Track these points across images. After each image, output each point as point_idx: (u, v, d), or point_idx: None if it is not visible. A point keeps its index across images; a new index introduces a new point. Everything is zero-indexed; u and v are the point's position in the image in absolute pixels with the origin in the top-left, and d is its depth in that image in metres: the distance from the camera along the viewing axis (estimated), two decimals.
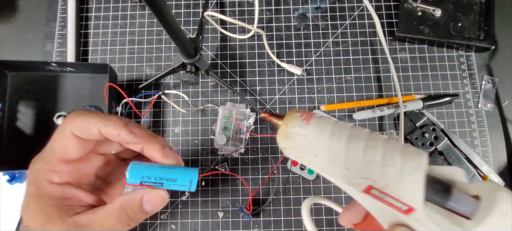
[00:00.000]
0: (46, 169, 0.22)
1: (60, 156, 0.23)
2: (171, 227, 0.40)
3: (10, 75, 0.41)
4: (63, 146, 0.22)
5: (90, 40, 0.46)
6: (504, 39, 0.44)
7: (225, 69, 0.45)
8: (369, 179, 0.17)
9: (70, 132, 0.22)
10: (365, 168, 0.17)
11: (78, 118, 0.22)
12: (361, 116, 0.42)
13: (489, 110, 0.42)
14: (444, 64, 0.44)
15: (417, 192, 0.16)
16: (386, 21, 0.45)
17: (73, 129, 0.22)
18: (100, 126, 0.22)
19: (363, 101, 0.43)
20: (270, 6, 0.46)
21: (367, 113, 0.42)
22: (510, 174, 0.41)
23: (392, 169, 0.17)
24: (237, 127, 0.41)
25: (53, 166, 0.23)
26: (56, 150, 0.23)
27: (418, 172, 0.16)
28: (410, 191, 0.16)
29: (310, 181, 0.41)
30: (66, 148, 0.22)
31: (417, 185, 0.16)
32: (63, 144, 0.22)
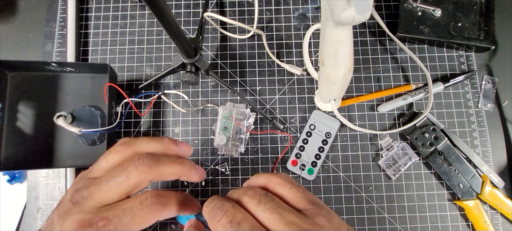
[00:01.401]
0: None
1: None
2: (171, 227, 0.40)
3: (10, 75, 0.41)
4: (138, 226, 0.24)
5: (90, 40, 0.46)
6: (504, 39, 0.44)
7: (225, 69, 0.45)
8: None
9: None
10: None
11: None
12: (386, 108, 0.42)
13: (489, 110, 0.42)
14: (444, 64, 0.44)
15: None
16: (386, 21, 0.45)
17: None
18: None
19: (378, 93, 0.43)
20: (270, 6, 0.46)
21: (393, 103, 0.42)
22: (510, 174, 0.41)
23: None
24: (237, 127, 0.41)
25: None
26: (129, 228, 0.24)
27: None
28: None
29: (310, 181, 0.41)
30: (140, 225, 0.24)
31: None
32: (139, 225, 0.24)
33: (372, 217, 0.40)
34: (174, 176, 0.26)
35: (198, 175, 0.28)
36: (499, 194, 0.39)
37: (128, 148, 0.26)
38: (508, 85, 0.43)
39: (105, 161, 0.26)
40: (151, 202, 0.24)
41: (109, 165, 0.25)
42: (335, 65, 0.33)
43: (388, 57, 0.44)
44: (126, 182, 0.24)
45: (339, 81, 0.34)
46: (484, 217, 0.38)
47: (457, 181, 0.39)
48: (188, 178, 0.27)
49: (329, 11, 0.29)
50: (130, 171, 0.24)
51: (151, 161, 0.25)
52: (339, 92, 0.37)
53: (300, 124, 0.43)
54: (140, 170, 0.24)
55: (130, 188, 0.24)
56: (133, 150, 0.26)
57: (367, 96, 0.43)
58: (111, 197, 0.24)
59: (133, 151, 0.26)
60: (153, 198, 0.24)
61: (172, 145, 0.28)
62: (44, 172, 0.42)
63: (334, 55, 0.32)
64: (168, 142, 0.28)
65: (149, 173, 0.24)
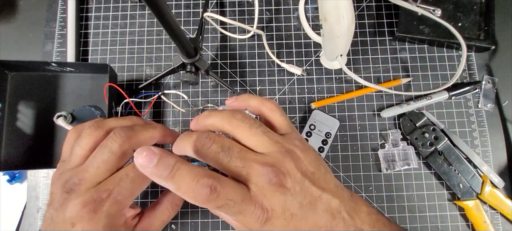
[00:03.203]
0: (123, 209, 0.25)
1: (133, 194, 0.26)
2: (171, 227, 0.40)
3: (10, 75, 0.41)
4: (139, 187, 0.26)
5: (90, 40, 0.46)
6: (504, 39, 0.44)
7: (225, 69, 0.45)
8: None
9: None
10: None
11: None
12: (389, 113, 0.42)
13: (489, 110, 0.42)
14: (444, 64, 0.44)
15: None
16: (386, 21, 0.45)
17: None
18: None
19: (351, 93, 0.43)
20: (270, 6, 0.46)
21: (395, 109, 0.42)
22: (510, 174, 0.41)
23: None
24: None
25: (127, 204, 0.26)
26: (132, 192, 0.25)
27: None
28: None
29: None
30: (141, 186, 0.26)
31: None
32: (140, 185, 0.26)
33: None
34: (152, 139, 0.28)
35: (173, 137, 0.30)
36: (499, 194, 0.39)
37: (99, 129, 0.27)
38: (508, 85, 0.43)
39: (80, 147, 0.26)
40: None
41: (86, 150, 0.26)
42: (338, 18, 0.34)
43: (388, 57, 0.44)
44: (112, 157, 0.25)
45: (344, 33, 0.35)
46: (484, 217, 0.38)
47: (457, 181, 0.39)
48: (165, 140, 0.29)
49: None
50: (111, 146, 0.25)
51: (127, 131, 0.26)
52: (345, 46, 0.37)
53: (300, 124, 0.43)
54: (120, 141, 0.25)
55: (117, 161, 0.25)
56: (104, 130, 0.27)
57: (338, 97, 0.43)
58: (102, 175, 0.25)
59: (104, 130, 0.27)
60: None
61: (139, 120, 0.30)
62: (44, 172, 0.42)
63: (335, 8, 0.34)
64: (135, 118, 0.30)
65: (130, 142, 0.26)
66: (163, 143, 0.30)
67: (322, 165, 0.23)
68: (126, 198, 0.25)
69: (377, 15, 0.46)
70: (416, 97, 0.43)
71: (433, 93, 0.42)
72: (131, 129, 0.26)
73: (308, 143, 0.41)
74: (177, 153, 0.24)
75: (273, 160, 0.21)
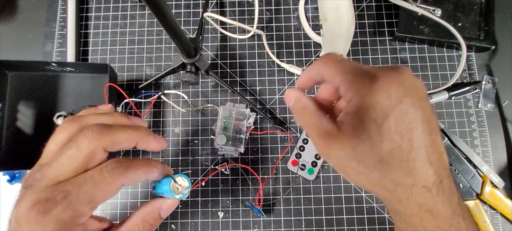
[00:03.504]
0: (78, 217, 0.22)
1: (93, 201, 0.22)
2: (171, 227, 0.40)
3: (10, 75, 0.41)
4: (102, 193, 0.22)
5: (90, 40, 0.46)
6: (504, 39, 0.44)
7: (225, 69, 0.45)
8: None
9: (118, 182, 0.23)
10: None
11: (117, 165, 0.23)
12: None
13: (489, 110, 0.42)
14: (444, 64, 0.44)
15: None
16: (386, 21, 0.45)
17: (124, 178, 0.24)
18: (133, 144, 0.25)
19: None
20: (270, 6, 0.46)
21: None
22: (510, 174, 0.41)
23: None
24: (237, 127, 0.41)
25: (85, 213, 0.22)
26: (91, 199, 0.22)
27: None
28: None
29: (310, 181, 0.41)
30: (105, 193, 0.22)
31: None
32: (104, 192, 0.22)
33: (372, 217, 0.40)
34: (130, 142, 0.25)
35: (158, 143, 0.27)
36: (499, 194, 0.39)
37: (74, 123, 0.24)
38: (508, 85, 0.43)
39: (53, 143, 0.24)
40: (112, 166, 0.22)
41: (58, 146, 0.24)
42: (338, 18, 0.34)
43: (388, 57, 0.44)
44: (78, 153, 0.22)
45: (344, 33, 0.35)
46: (484, 217, 0.38)
47: (457, 181, 0.39)
48: (146, 145, 0.26)
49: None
50: (79, 141, 0.22)
51: (101, 128, 0.23)
52: (345, 46, 0.38)
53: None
54: (90, 137, 0.22)
55: (84, 160, 0.22)
56: (79, 124, 0.24)
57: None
58: (65, 173, 0.22)
59: (79, 125, 0.24)
60: (114, 163, 0.23)
61: (123, 118, 0.27)
62: None
63: (335, 8, 0.34)
64: (117, 115, 0.27)
65: (101, 140, 0.23)
66: (145, 149, 0.27)
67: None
68: (83, 204, 0.21)
69: (377, 15, 0.46)
70: None
71: (433, 93, 0.42)
72: (107, 127, 0.24)
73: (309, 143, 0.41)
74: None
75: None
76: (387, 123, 0.19)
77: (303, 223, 0.40)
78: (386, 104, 0.19)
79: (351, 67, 0.21)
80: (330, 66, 0.22)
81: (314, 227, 0.40)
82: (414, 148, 0.19)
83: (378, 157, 0.19)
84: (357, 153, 0.19)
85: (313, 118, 0.23)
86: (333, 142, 0.21)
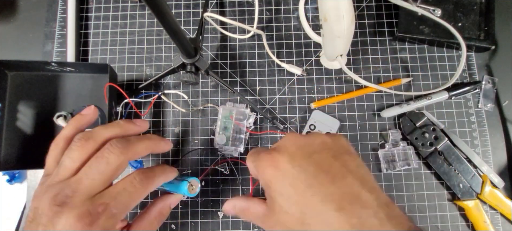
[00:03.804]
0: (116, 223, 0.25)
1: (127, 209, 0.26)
2: (171, 227, 0.40)
3: (10, 75, 0.41)
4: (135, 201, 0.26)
5: (90, 40, 0.46)
6: (504, 39, 0.44)
7: (225, 69, 0.45)
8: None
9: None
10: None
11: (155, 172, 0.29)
12: (389, 113, 0.42)
13: (489, 110, 0.42)
14: (444, 64, 0.44)
15: None
16: (386, 21, 0.45)
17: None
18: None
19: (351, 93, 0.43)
20: (270, 6, 0.46)
21: (395, 109, 0.42)
22: (510, 174, 0.41)
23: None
24: (237, 127, 0.41)
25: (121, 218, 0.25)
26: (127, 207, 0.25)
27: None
28: None
29: None
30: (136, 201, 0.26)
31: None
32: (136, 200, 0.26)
33: None
34: (147, 150, 0.28)
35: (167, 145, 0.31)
36: (499, 194, 0.39)
37: (89, 141, 0.26)
38: (508, 85, 0.43)
39: (70, 160, 0.25)
40: (140, 178, 0.26)
41: (77, 163, 0.25)
42: (338, 18, 0.34)
43: (388, 57, 0.44)
44: (108, 169, 0.24)
45: (344, 33, 0.35)
46: (484, 217, 0.38)
47: (457, 181, 0.39)
48: (159, 149, 0.30)
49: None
50: (107, 157, 0.25)
51: (124, 143, 0.26)
52: (345, 46, 0.38)
53: (300, 124, 0.43)
54: (117, 153, 0.25)
55: (113, 173, 0.25)
56: (95, 141, 0.26)
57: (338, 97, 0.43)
58: (97, 187, 0.24)
59: (95, 142, 0.26)
60: (140, 175, 0.26)
61: (130, 125, 0.30)
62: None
63: (335, 8, 0.34)
64: (124, 124, 0.29)
65: (126, 154, 0.26)
66: (157, 152, 0.30)
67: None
68: (121, 213, 0.24)
69: (377, 15, 0.46)
70: (416, 97, 0.43)
71: (433, 93, 0.42)
72: (127, 141, 0.26)
73: None
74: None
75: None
76: (287, 190, 0.21)
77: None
78: (277, 176, 0.22)
79: (256, 155, 0.25)
80: (248, 162, 0.26)
81: None
82: (315, 205, 0.20)
83: (293, 223, 0.21)
84: (281, 222, 0.21)
85: (249, 209, 0.26)
86: (268, 219, 0.24)
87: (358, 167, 0.22)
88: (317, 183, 0.20)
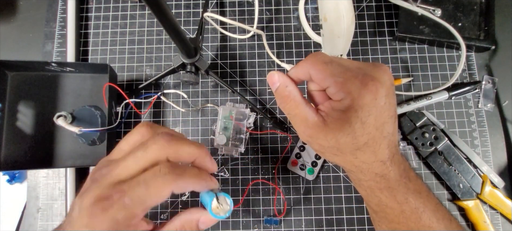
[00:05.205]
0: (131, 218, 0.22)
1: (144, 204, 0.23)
2: None
3: (10, 75, 0.41)
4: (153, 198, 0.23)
5: (90, 40, 0.46)
6: (504, 39, 0.44)
7: (225, 69, 0.45)
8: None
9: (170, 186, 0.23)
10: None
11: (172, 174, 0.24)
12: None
13: (489, 110, 0.42)
14: (444, 64, 0.44)
15: None
16: (386, 21, 0.45)
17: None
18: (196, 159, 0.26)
19: None
20: (270, 6, 0.46)
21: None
22: (510, 174, 0.41)
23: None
24: (237, 127, 0.41)
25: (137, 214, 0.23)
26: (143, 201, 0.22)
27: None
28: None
29: (310, 181, 0.41)
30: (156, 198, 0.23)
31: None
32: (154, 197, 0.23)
33: None
34: (190, 157, 0.26)
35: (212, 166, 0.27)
36: (499, 194, 0.39)
37: (149, 128, 0.26)
38: (508, 85, 0.43)
39: (126, 142, 0.25)
40: (165, 172, 0.23)
41: (130, 146, 0.25)
42: (338, 18, 0.34)
43: (388, 57, 0.44)
44: (143, 156, 0.23)
45: (344, 33, 0.35)
46: (484, 217, 0.38)
47: (457, 181, 0.39)
48: (204, 163, 0.27)
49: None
50: (148, 145, 0.23)
51: (170, 137, 0.24)
52: (345, 46, 0.38)
53: None
54: (159, 144, 0.24)
55: (147, 163, 0.23)
56: (154, 131, 0.26)
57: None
58: (129, 173, 0.23)
59: (154, 132, 0.26)
60: (167, 168, 0.23)
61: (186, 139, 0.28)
62: (44, 172, 0.42)
63: (335, 8, 0.34)
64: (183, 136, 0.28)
65: (168, 148, 0.24)
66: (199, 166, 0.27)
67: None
68: (135, 206, 0.22)
69: (377, 15, 0.46)
70: (416, 97, 0.43)
71: (433, 93, 0.42)
72: (175, 137, 0.25)
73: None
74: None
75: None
76: (369, 120, 0.23)
77: (303, 223, 0.40)
78: (371, 105, 0.23)
79: (340, 70, 0.24)
80: (319, 69, 0.25)
81: (314, 227, 0.40)
82: (383, 137, 0.24)
83: (356, 147, 0.24)
84: (340, 143, 0.24)
85: (299, 108, 0.26)
86: (318, 132, 0.25)
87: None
88: (391, 123, 0.24)
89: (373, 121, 0.23)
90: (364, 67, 0.24)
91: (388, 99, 0.23)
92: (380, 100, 0.23)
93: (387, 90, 0.23)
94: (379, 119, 0.23)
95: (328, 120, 0.24)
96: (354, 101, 0.23)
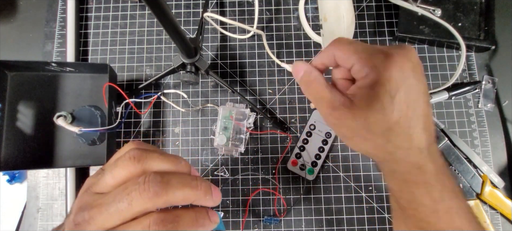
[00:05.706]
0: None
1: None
2: None
3: (10, 75, 0.41)
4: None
5: (90, 40, 0.46)
6: (504, 39, 0.44)
7: (225, 69, 0.45)
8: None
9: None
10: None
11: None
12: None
13: (489, 110, 0.42)
14: (444, 64, 0.44)
15: None
16: (386, 21, 0.45)
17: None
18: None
19: None
20: (270, 6, 0.46)
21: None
22: (510, 174, 0.41)
23: None
24: (237, 127, 0.41)
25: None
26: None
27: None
28: None
29: (310, 181, 0.41)
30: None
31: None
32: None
33: (372, 217, 0.40)
34: (185, 201, 0.23)
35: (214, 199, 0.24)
36: (499, 194, 0.39)
37: (137, 165, 0.23)
38: (508, 85, 0.43)
39: (111, 176, 0.23)
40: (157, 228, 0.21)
41: (116, 181, 0.23)
42: (338, 18, 0.35)
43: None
44: (128, 209, 0.21)
45: (344, 33, 0.35)
46: (484, 217, 0.38)
47: (457, 181, 0.39)
48: (202, 203, 0.24)
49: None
50: (133, 197, 0.21)
51: (158, 187, 0.21)
52: None
53: (300, 124, 0.43)
54: (145, 197, 0.21)
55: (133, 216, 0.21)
56: (142, 168, 0.23)
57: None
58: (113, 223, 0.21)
59: (142, 169, 0.23)
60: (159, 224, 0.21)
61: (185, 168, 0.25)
62: (44, 172, 0.42)
63: (335, 8, 0.34)
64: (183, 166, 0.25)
65: (156, 201, 0.21)
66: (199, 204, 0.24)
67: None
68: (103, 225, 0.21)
69: (377, 15, 0.46)
70: None
71: (433, 93, 0.42)
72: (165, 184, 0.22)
73: (309, 143, 0.41)
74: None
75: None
76: (398, 94, 0.21)
77: (303, 223, 0.40)
78: (399, 78, 0.21)
79: (363, 47, 0.23)
80: (342, 48, 0.24)
81: (314, 227, 0.40)
82: (416, 116, 0.22)
83: (388, 125, 0.22)
84: (369, 122, 0.22)
85: (324, 90, 0.25)
86: (346, 113, 0.23)
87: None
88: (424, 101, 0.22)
89: (403, 95, 0.22)
90: (389, 46, 0.23)
91: (416, 74, 0.22)
92: (407, 73, 0.22)
93: (414, 66, 0.22)
94: (409, 94, 0.22)
95: (355, 100, 0.23)
96: (380, 75, 0.22)
